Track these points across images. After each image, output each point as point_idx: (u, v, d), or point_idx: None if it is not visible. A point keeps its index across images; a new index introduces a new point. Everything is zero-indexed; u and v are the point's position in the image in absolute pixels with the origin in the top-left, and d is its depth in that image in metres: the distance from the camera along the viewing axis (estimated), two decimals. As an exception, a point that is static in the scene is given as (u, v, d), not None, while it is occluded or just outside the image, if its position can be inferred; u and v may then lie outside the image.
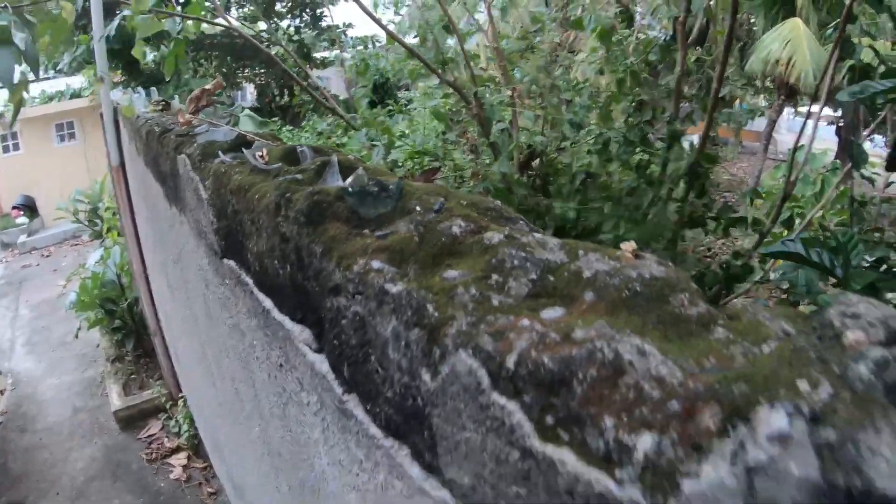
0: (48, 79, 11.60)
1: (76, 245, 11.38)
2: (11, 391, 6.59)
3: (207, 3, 2.59)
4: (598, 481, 0.26)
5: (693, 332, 0.32)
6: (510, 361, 0.30)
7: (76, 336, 6.76)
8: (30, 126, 11.35)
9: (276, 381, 0.66)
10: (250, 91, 11.66)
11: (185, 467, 4.84)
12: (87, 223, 8.90)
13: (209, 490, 4.49)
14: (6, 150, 12.41)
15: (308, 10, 9.86)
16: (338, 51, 10.53)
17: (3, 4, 1.81)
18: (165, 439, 5.22)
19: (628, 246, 0.45)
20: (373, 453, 0.44)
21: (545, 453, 0.28)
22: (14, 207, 12.19)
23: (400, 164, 2.53)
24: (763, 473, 0.23)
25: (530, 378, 0.29)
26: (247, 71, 10.31)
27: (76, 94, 11.77)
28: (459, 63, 2.62)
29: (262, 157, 0.70)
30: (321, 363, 0.49)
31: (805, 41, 10.62)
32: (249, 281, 0.67)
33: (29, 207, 12.27)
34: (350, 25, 10.32)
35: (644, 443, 0.26)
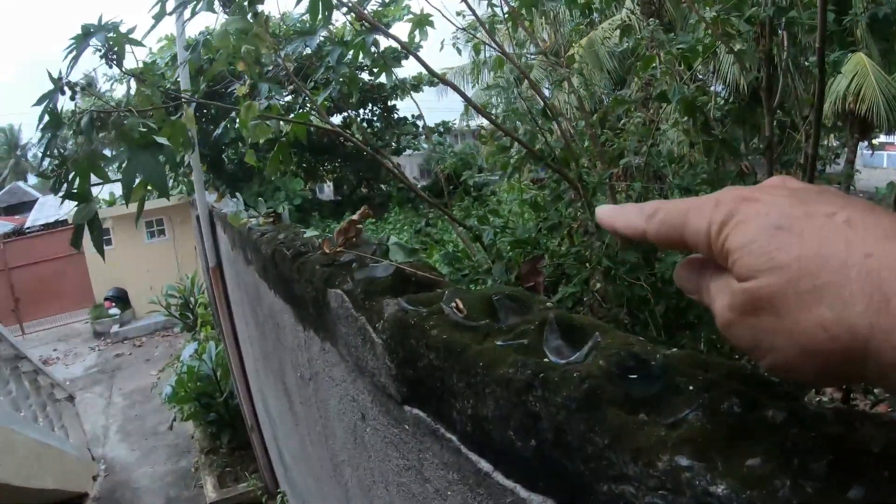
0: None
1: (167, 336, 11.93)
2: (104, 477, 6.77)
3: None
4: None
5: None
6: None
7: (171, 427, 6.95)
8: (121, 223, 12.16)
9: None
10: (327, 185, 12.14)
11: (283, 563, 4.76)
12: (178, 316, 9.34)
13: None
14: (99, 245, 13.37)
15: (379, 104, 10.32)
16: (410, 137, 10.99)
17: (127, 109, 1.95)
18: (262, 534, 5.16)
19: None
20: None
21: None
22: (106, 299, 13.00)
23: (504, 254, 2.59)
24: None
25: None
26: (327, 165, 10.75)
27: (163, 193, 12.57)
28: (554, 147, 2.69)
29: (457, 308, 0.70)
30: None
31: (871, 73, 10.29)
32: (452, 437, 0.66)
33: (121, 299, 13.05)
34: (420, 117, 10.70)
35: None
